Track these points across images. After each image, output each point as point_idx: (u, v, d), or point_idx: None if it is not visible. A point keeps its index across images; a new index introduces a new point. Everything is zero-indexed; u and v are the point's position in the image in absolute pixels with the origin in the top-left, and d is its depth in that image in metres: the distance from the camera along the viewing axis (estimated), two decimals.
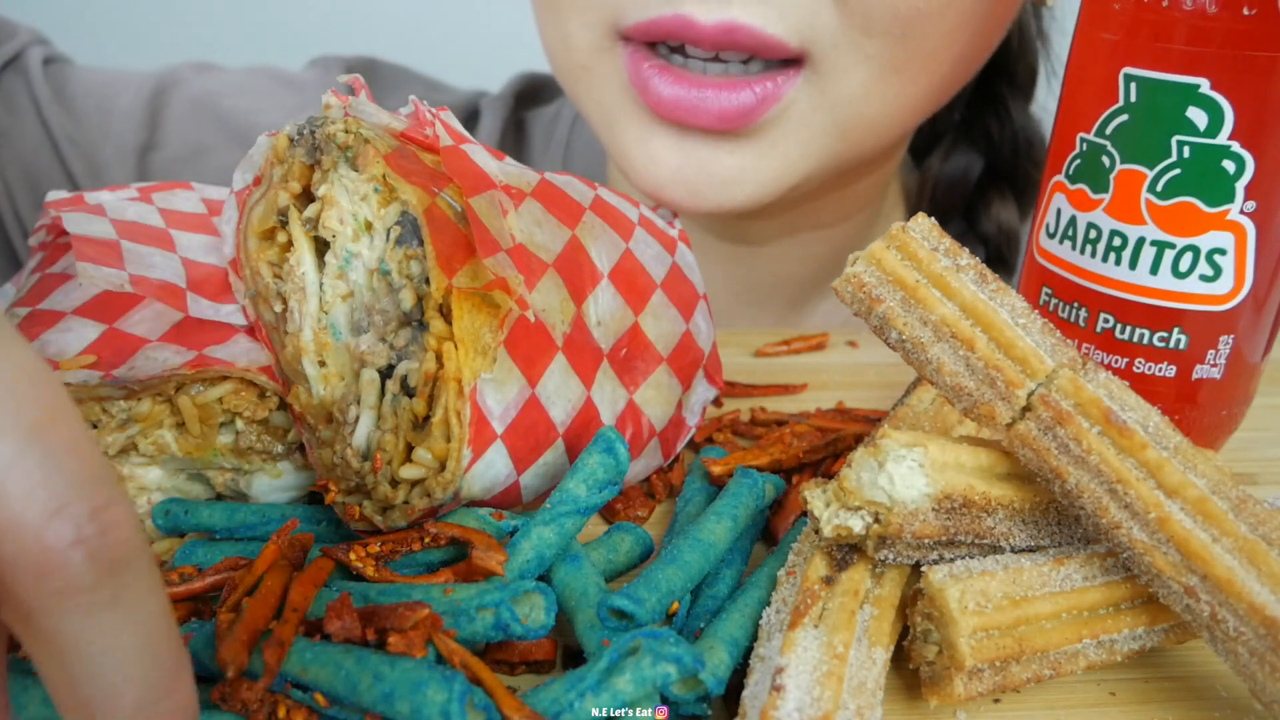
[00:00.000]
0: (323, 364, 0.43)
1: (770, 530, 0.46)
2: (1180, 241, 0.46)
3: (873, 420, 0.54)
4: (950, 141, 0.87)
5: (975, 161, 0.86)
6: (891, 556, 0.37)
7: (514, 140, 0.91)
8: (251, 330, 0.45)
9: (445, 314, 0.39)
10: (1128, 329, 0.48)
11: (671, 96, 0.61)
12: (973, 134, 0.86)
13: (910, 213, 0.89)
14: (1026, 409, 0.37)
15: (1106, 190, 0.47)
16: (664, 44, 0.62)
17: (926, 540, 0.37)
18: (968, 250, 0.41)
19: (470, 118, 0.90)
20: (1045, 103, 0.86)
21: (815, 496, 0.38)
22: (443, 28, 1.53)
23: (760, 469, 0.49)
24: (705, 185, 0.64)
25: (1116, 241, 0.47)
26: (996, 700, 0.38)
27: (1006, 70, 0.83)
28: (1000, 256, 0.86)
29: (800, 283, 0.83)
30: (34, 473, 0.23)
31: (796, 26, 0.59)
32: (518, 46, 0.95)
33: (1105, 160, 0.47)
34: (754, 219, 0.77)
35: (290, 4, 1.56)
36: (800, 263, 0.81)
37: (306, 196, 0.44)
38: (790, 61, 0.61)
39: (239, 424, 0.43)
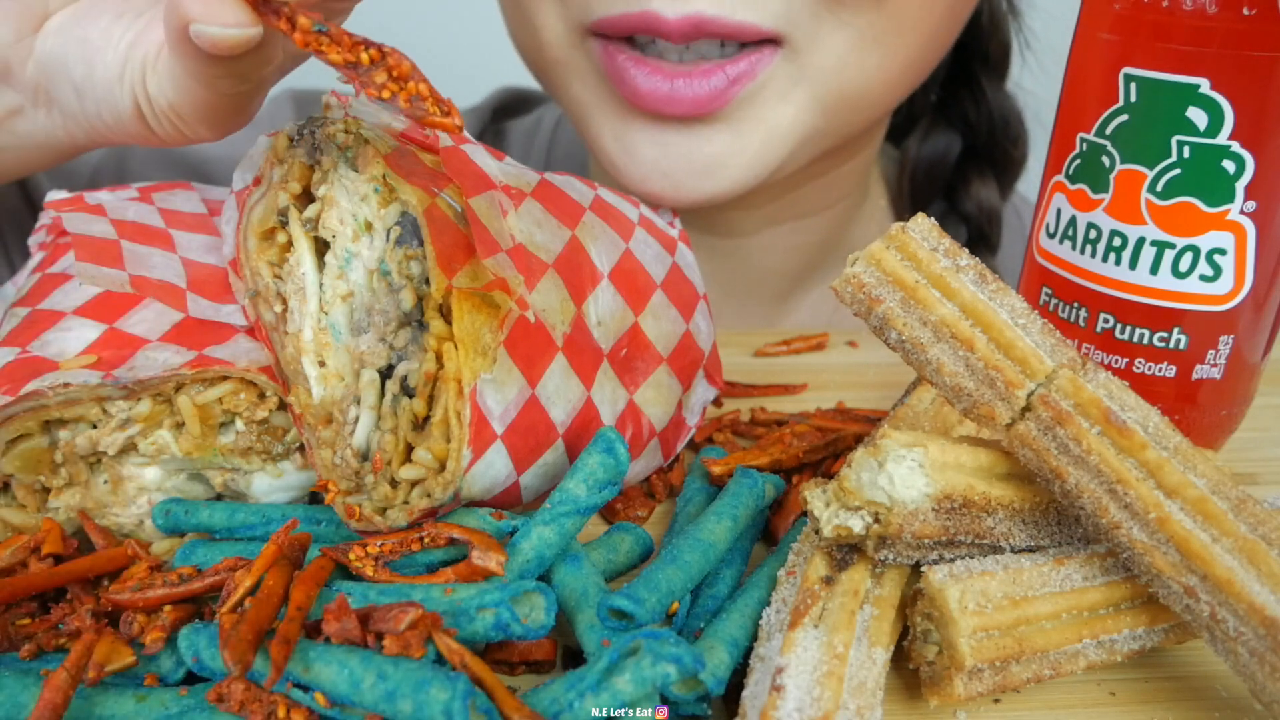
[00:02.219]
0: (323, 364, 0.43)
1: (770, 530, 0.46)
2: (1180, 241, 0.46)
3: (873, 420, 0.54)
4: (928, 123, 0.87)
5: (954, 142, 0.87)
6: (891, 556, 0.37)
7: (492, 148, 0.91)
8: (251, 330, 0.45)
9: (445, 314, 0.39)
10: (1128, 329, 0.48)
11: (647, 89, 0.62)
12: (949, 115, 0.87)
13: (892, 198, 0.90)
14: (1026, 409, 0.37)
15: (1106, 190, 0.47)
16: (635, 37, 0.63)
17: (926, 540, 0.37)
18: (967, 250, 0.41)
19: None
20: (1020, 79, 0.86)
21: (815, 496, 0.38)
22: (416, 52, 1.53)
23: (760, 469, 0.49)
24: (685, 175, 0.64)
25: (1116, 241, 0.47)
26: (996, 700, 0.38)
27: (979, 49, 0.83)
28: (982, 235, 0.86)
29: (786, 275, 0.83)
30: None
31: (766, 8, 0.59)
32: (487, 73, 0.95)
33: (1105, 160, 0.47)
34: (737, 210, 0.76)
35: None
36: (785, 254, 0.81)
37: (306, 196, 0.44)
38: (768, 40, 0.61)
39: (239, 424, 0.43)
